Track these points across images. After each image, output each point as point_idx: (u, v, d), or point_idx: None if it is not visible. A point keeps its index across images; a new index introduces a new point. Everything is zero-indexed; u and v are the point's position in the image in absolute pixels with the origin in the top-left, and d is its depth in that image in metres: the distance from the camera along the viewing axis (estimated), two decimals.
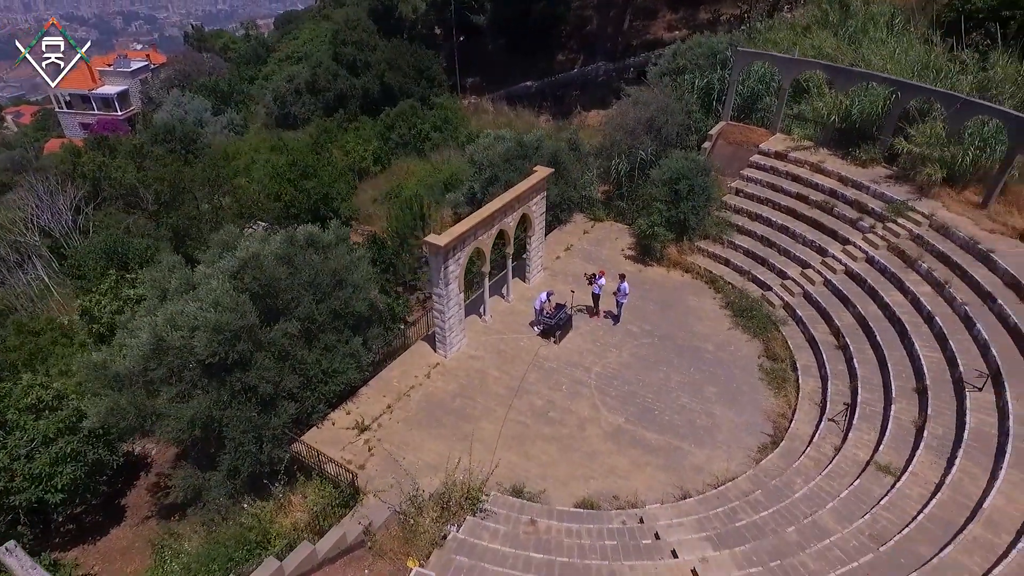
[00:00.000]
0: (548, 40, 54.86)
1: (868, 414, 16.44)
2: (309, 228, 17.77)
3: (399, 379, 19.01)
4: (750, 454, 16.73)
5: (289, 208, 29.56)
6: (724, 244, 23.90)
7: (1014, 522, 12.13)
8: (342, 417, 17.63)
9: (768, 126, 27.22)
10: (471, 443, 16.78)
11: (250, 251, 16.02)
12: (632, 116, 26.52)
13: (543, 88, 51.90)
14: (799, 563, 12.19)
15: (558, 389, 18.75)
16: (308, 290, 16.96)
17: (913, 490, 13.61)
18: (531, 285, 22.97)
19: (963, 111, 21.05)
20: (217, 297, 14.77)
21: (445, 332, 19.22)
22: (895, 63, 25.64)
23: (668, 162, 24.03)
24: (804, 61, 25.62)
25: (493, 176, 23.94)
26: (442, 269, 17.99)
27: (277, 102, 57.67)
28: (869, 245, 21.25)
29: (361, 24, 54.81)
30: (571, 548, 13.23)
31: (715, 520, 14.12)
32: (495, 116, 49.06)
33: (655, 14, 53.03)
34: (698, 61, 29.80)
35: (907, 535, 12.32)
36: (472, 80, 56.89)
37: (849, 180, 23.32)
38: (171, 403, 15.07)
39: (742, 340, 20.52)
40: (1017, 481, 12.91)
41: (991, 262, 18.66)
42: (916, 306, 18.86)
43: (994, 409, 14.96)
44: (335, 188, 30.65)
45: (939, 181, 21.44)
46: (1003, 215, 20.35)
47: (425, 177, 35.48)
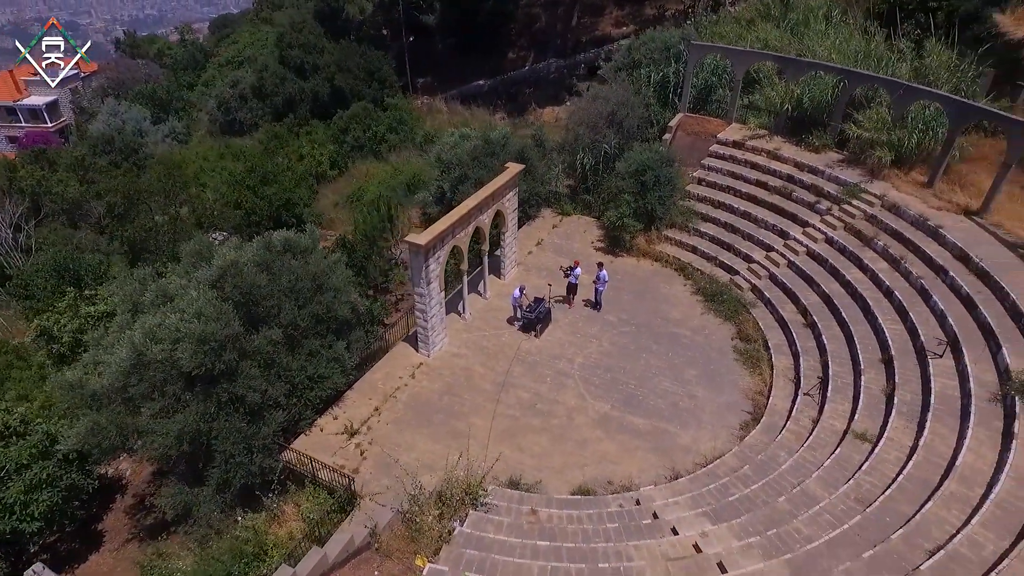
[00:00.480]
0: (498, 39, 55.10)
1: (840, 386, 17.29)
2: (285, 233, 17.49)
3: (384, 381, 18.92)
4: (733, 432, 17.37)
5: (250, 216, 28.87)
6: (690, 232, 24.63)
7: (984, 476, 13.03)
8: (330, 423, 17.45)
9: (724, 116, 28.14)
10: (463, 440, 16.87)
11: (229, 259, 15.68)
12: (594, 111, 26.98)
13: (496, 86, 52.11)
14: (793, 530, 12.79)
15: (543, 381, 19.01)
16: (289, 296, 16.71)
17: (890, 454, 14.44)
18: (507, 281, 23.16)
19: (906, 97, 22.30)
20: (200, 307, 14.42)
21: (428, 331, 19.22)
22: (839, 53, 26.90)
23: (633, 154, 24.60)
24: (755, 53, 26.62)
25: (462, 175, 24.01)
26: (423, 268, 17.99)
27: (221, 108, 56.03)
28: (827, 227, 22.27)
29: (307, 26, 53.80)
30: (575, 533, 13.51)
31: (708, 496, 14.64)
32: (450, 116, 49.01)
33: (602, 11, 53.89)
34: (652, 55, 30.54)
35: (889, 496, 13.08)
36: (423, 80, 56.62)
37: (804, 165, 24.38)
38: (155, 419, 14.63)
39: (715, 324, 21.22)
40: (983, 438, 13.86)
41: (940, 237, 19.86)
42: (875, 282, 19.91)
43: (955, 373, 15.99)
44: (296, 193, 30.12)
45: (888, 163, 22.65)
46: (947, 193, 21.67)
47: (386, 179, 35.15)
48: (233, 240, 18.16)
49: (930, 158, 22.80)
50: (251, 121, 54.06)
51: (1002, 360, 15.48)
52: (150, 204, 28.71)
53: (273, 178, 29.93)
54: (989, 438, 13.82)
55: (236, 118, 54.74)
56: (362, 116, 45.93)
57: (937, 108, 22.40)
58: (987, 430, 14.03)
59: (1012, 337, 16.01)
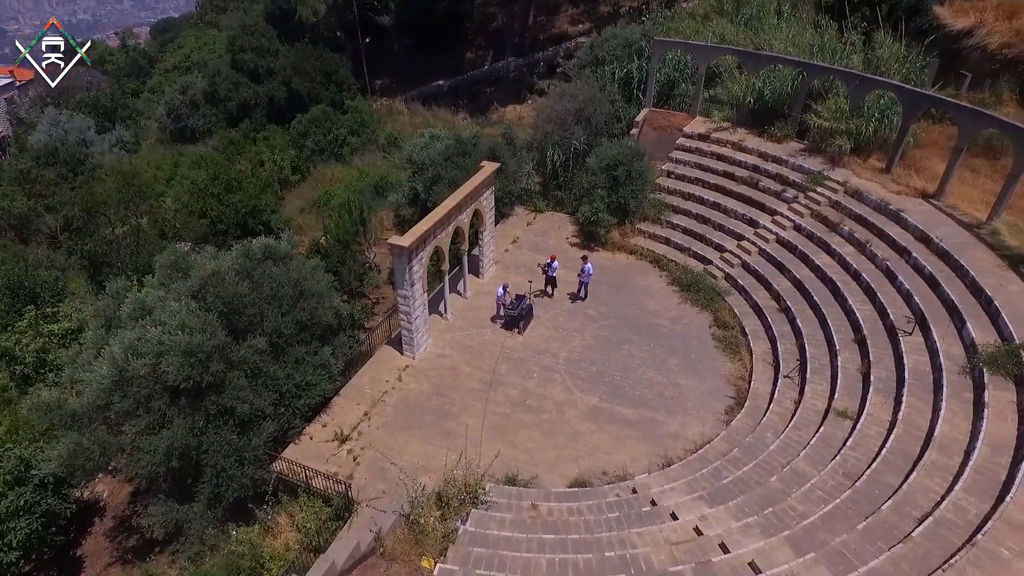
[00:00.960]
0: (455, 38, 54.97)
1: (818, 367, 17.93)
2: (264, 240, 17.17)
3: (370, 385, 18.75)
4: (719, 417, 17.83)
5: (216, 224, 28.13)
6: (663, 224, 25.12)
7: (960, 445, 13.72)
8: (319, 430, 17.21)
9: (688, 110, 28.75)
10: (456, 439, 16.88)
11: (209, 268, 15.31)
12: (562, 108, 27.23)
13: (456, 86, 51.99)
14: (788, 507, 13.24)
15: (530, 377, 19.14)
16: (271, 304, 16.42)
17: (871, 429, 15.05)
18: (486, 280, 23.21)
19: (862, 87, 23.21)
20: (183, 319, 14.04)
21: (412, 333, 19.13)
22: (795, 47, 27.81)
23: (604, 149, 24.96)
24: (717, 48, 27.28)
25: (436, 175, 23.92)
26: (407, 270, 17.90)
27: (171, 115, 54.48)
28: (795, 214, 23.03)
29: (259, 29, 52.64)
30: (577, 525, 13.69)
31: (702, 481, 15.01)
32: (411, 117, 48.70)
33: (557, 9, 54.30)
34: (615, 52, 31.00)
35: (875, 469, 13.65)
36: (381, 82, 56.06)
37: (769, 156, 25.13)
38: (141, 436, 14.19)
39: (692, 313, 21.71)
40: (956, 409, 14.57)
41: (902, 220, 20.76)
42: (843, 265, 20.68)
43: (925, 350, 16.76)
44: (263, 200, 29.48)
45: (847, 151, 23.55)
46: (904, 178, 22.66)
47: (352, 182, 34.73)
48: (208, 249, 17.70)
49: (886, 145, 23.79)
50: (204, 128, 52.70)
51: (967, 334, 16.31)
52: (109, 216, 27.69)
53: (237, 185, 29.22)
54: (962, 409, 14.55)
55: (187, 125, 53.32)
56: (322, 119, 45.24)
57: (891, 97, 23.39)
58: (959, 401, 14.76)
59: (974, 312, 16.87)
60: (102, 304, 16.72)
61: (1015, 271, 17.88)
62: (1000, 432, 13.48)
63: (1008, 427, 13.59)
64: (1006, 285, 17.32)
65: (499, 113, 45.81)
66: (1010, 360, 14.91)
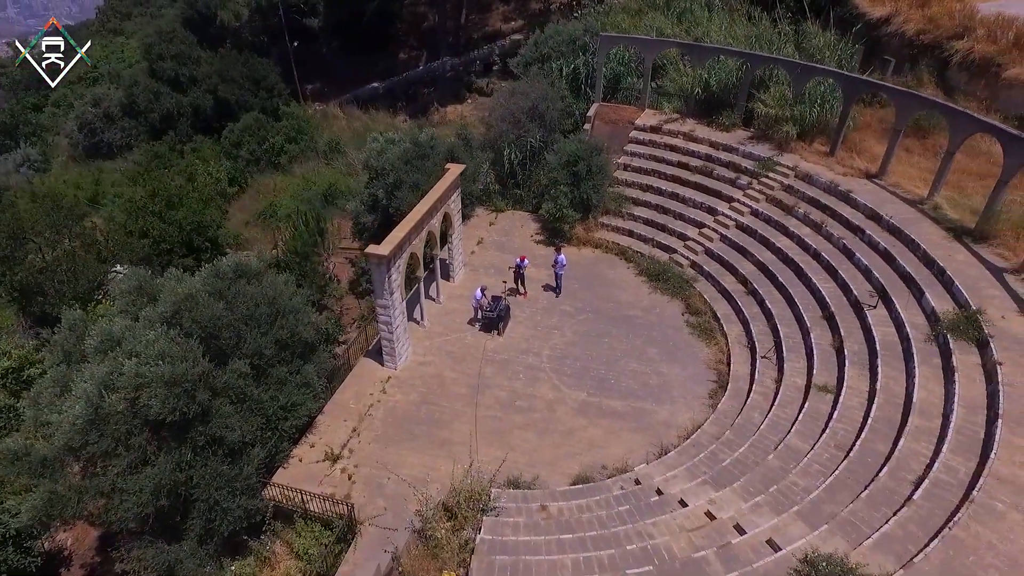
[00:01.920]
0: (386, 39, 54.08)
1: (793, 345, 18.69)
2: (235, 257, 16.33)
3: (355, 400, 18.19)
4: (705, 401, 18.30)
5: (159, 244, 26.56)
6: (624, 217, 25.53)
7: (938, 408, 14.61)
8: (308, 451, 16.57)
9: (636, 103, 29.32)
10: (451, 447, 16.63)
11: (182, 292, 14.42)
12: (515, 106, 27.20)
13: (392, 88, 51.13)
14: (791, 483, 13.74)
15: (516, 378, 19.07)
16: (249, 324, 15.63)
17: (853, 400, 15.82)
18: (457, 283, 22.94)
19: (803, 75, 24.32)
20: (162, 347, 13.16)
21: (393, 343, 18.68)
22: (733, 38, 28.84)
23: (563, 146, 25.12)
24: (662, 41, 27.94)
25: (397, 180, 23.41)
26: (386, 279, 17.45)
27: (84, 130, 51.07)
28: (750, 199, 23.89)
29: (178, 35, 50.07)
30: (590, 522, 13.75)
31: (702, 465, 15.37)
32: (348, 121, 47.61)
33: (489, 7, 54.29)
34: (560, 48, 31.26)
35: (865, 438, 14.35)
36: (312, 87, 54.49)
37: (720, 144, 25.95)
38: (123, 477, 13.23)
39: (664, 302, 22.17)
40: (928, 375, 15.51)
41: (852, 200, 21.88)
42: (802, 246, 21.62)
43: (890, 321, 17.75)
44: (207, 215, 28.04)
45: (794, 137, 24.62)
46: (848, 160, 23.90)
47: (298, 192, 33.62)
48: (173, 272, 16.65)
49: (827, 129, 25.02)
50: (123, 142, 49.76)
51: (927, 304, 17.38)
52: (38, 242, 25.67)
53: (179, 201, 27.69)
54: (933, 374, 15.49)
55: (103, 140, 50.20)
56: (255, 128, 43.58)
57: (830, 84, 24.61)
58: (930, 367, 15.71)
59: (930, 283, 17.99)
60: (59, 338, 15.45)
61: (959, 242, 19.17)
62: (971, 393, 14.44)
63: (978, 388, 14.57)
64: (954, 255, 18.55)
65: (440, 114, 45.43)
66: (970, 326, 15.99)
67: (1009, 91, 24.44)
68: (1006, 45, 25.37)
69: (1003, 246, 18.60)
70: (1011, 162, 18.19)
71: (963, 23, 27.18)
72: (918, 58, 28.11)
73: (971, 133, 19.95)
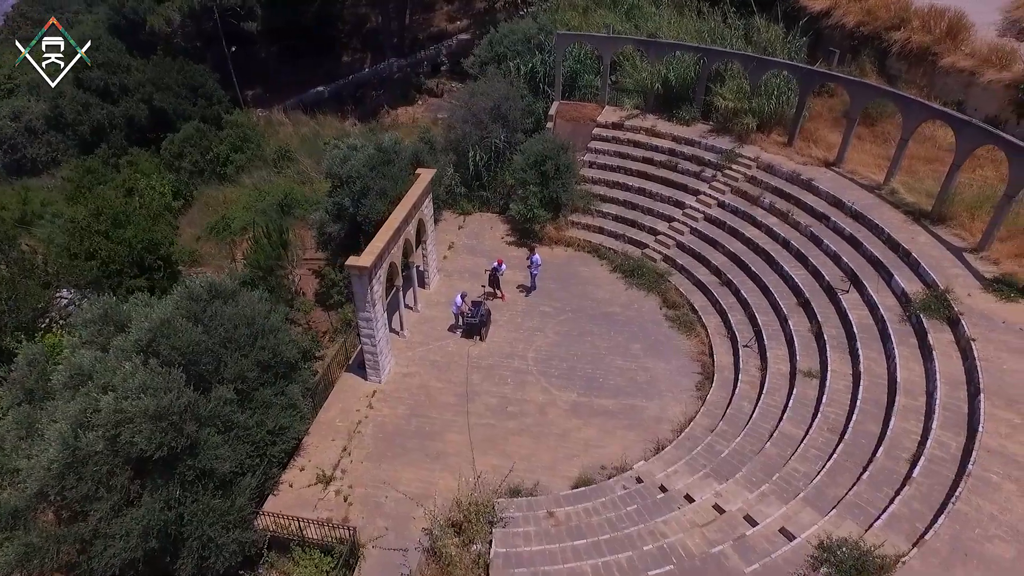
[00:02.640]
0: (328, 42, 52.64)
1: (773, 333, 19.10)
2: (208, 276, 15.48)
3: (341, 418, 17.59)
4: (692, 394, 18.51)
5: (107, 265, 25.00)
6: (594, 214, 25.59)
7: (920, 387, 15.17)
8: (298, 475, 15.91)
9: (595, 100, 29.45)
10: (446, 459, 16.28)
11: (158, 317, 13.56)
12: (477, 107, 26.89)
13: (338, 92, 49.86)
14: (791, 470, 14.01)
15: (505, 383, 18.83)
16: (228, 347, 14.86)
17: (839, 384, 16.27)
18: (432, 290, 22.51)
19: (759, 68, 24.90)
20: (143, 379, 12.32)
21: (377, 356, 18.14)
22: (687, 32, 29.32)
23: (529, 145, 24.99)
24: (620, 38, 28.12)
25: (364, 187, 22.74)
26: (368, 291, 16.91)
27: (3, 146, 47.84)
28: (716, 191, 24.32)
29: (105, 43, 47.45)
30: (600, 525, 13.67)
31: (701, 459, 15.51)
32: (295, 127, 46.12)
33: (433, 6, 53.58)
34: (516, 47, 31.09)
35: (856, 420, 14.77)
36: (253, 92, 52.60)
37: (682, 139, 26.33)
38: (107, 521, 12.34)
39: (640, 297, 22.32)
40: (907, 355, 16.09)
41: (814, 188, 22.55)
42: (771, 235, 22.16)
43: (863, 304, 18.36)
44: (158, 232, 26.58)
45: (754, 128, 25.21)
46: (806, 149, 24.61)
47: (251, 203, 32.31)
48: (141, 296, 15.65)
49: (783, 120, 25.71)
50: (48, 157, 46.94)
51: (896, 286, 18.07)
52: None
53: (126, 218, 26.14)
54: (911, 354, 16.09)
55: (26, 156, 47.19)
56: (197, 138, 41.72)
57: (784, 76, 25.29)
58: (907, 347, 16.31)
59: (897, 265, 18.70)
60: (17, 375, 14.31)
61: (919, 224, 20.00)
62: (950, 370, 15.05)
63: (955, 364, 15.21)
64: (916, 238, 19.34)
65: (391, 116, 44.58)
66: (940, 305, 16.68)
67: (945, 78, 25.64)
68: (940, 35, 26.61)
69: (960, 227, 19.51)
70: (963, 146, 19.06)
71: (899, 14, 28.36)
72: (859, 49, 29.19)
73: (923, 120, 20.83)
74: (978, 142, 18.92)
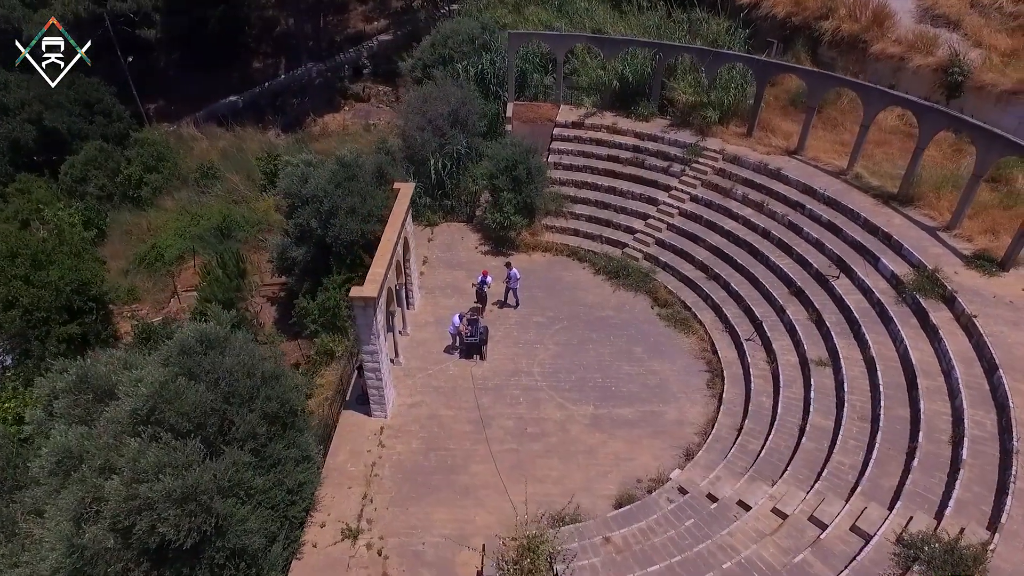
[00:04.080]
0: (236, 48, 49.15)
1: (772, 324, 19.32)
2: (199, 326, 13.61)
3: (352, 462, 16.13)
4: (705, 393, 18.41)
5: (31, 313, 21.85)
6: (567, 217, 25.07)
7: (935, 366, 15.72)
8: (320, 533, 14.39)
9: (547, 100, 28.94)
10: (477, 493, 15.33)
11: (156, 379, 11.72)
12: (435, 112, 25.64)
13: (254, 101, 46.59)
14: (837, 464, 14.12)
15: (517, 403, 17.99)
16: (232, 402, 13.15)
17: (854, 371, 16.60)
18: (417, 310, 21.23)
19: (715, 61, 25.22)
20: (159, 457, 10.55)
21: (383, 390, 16.78)
22: (630, 28, 29.36)
23: (497, 151, 24.12)
24: (574, 36, 27.76)
25: (333, 207, 21.06)
26: (373, 322, 15.55)
27: None
28: (687, 186, 24.44)
29: None
30: (665, 546, 13.20)
31: (738, 461, 15.38)
32: (211, 141, 42.64)
33: (346, 7, 51.20)
34: (461, 48, 30.00)
35: (885, 407, 15.07)
36: (156, 106, 48.25)
37: (644, 135, 26.29)
38: None
39: (630, 298, 22.04)
40: (914, 336, 16.66)
41: (783, 177, 23.09)
42: (750, 226, 22.48)
43: (856, 288, 18.91)
44: (87, 270, 23.52)
45: (715, 121, 25.54)
46: (765, 139, 25.21)
47: (183, 228, 29.44)
48: (116, 354, 13.52)
49: (739, 111, 26.23)
50: None
51: (884, 269, 18.74)
52: None
53: (47, 258, 22.99)
54: (917, 334, 16.68)
55: None
56: (102, 159, 37.71)
57: (740, 68, 25.77)
58: (910, 328, 16.90)
59: (880, 248, 19.42)
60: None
61: (889, 207, 20.89)
62: (960, 347, 15.70)
63: (962, 341, 15.88)
64: (891, 220, 20.17)
65: (319, 125, 42.19)
66: (932, 284, 17.42)
67: (876, 64, 27.00)
68: (867, 23, 28.01)
69: (928, 207, 20.53)
70: (926, 131, 20.01)
71: (826, 4, 29.60)
72: (792, 38, 30.31)
73: (884, 107, 21.77)
74: (940, 126, 19.94)
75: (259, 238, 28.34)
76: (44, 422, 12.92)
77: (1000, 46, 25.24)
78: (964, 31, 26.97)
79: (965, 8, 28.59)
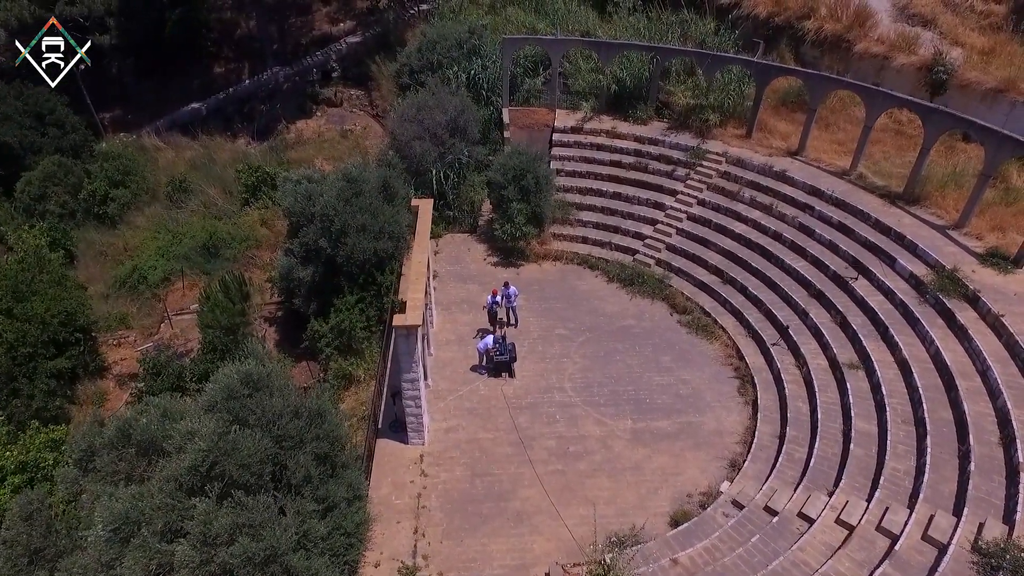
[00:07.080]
0: (196, 52, 46.96)
1: (797, 328, 19.50)
2: (242, 368, 12.75)
3: (396, 494, 15.51)
4: (738, 400, 18.45)
5: (16, 349, 20.25)
6: (574, 224, 24.81)
7: (970, 366, 16.10)
8: (376, 574, 13.76)
9: (542, 104, 28.57)
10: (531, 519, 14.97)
11: (208, 434, 10.90)
12: (433, 121, 24.93)
13: (219, 107, 44.54)
14: (892, 470, 14.32)
15: (555, 421, 17.66)
16: (283, 446, 12.39)
17: (887, 373, 16.87)
18: (437, 328, 20.62)
19: (714, 64, 25.33)
20: (233, 519, 9.78)
21: (421, 417, 16.19)
22: (625, 31, 29.23)
23: (503, 160, 23.66)
24: (569, 40, 27.39)
25: (344, 225, 20.18)
26: (415, 350, 14.94)
27: None
28: (693, 189, 24.48)
29: None
30: (736, 565, 13.12)
31: (787, 470, 15.44)
32: (177, 152, 40.60)
33: (309, 8, 49.51)
34: (450, 54, 29.29)
35: (926, 408, 15.34)
36: (112, 115, 45.66)
37: (645, 138, 26.22)
38: None
39: (648, 305, 21.93)
40: (941, 336, 17.03)
41: (789, 179, 23.36)
42: (760, 229, 22.65)
43: (876, 290, 19.25)
44: (71, 298, 21.95)
45: (716, 123, 25.65)
46: (766, 140, 25.48)
47: (166, 248, 27.85)
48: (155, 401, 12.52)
49: (737, 113, 26.43)
50: None
51: (902, 269, 19.13)
52: None
53: (28, 288, 21.37)
54: (945, 334, 17.06)
55: None
56: (61, 174, 35.37)
57: (738, 70, 25.94)
58: (937, 328, 17.28)
59: (896, 248, 19.82)
60: (13, 534, 10.91)
61: (896, 207, 21.37)
62: (992, 347, 16.12)
63: (992, 340, 16.31)
64: (901, 220, 20.63)
65: (294, 132, 40.63)
66: (954, 284, 17.86)
67: (860, 63, 27.65)
68: (849, 23, 28.63)
69: (935, 206, 21.07)
70: (931, 132, 20.49)
71: (807, 3, 30.16)
72: (776, 38, 30.75)
73: (887, 109, 22.23)
74: (946, 127, 20.47)
75: (249, 255, 27.11)
76: (77, 479, 11.89)
77: (977, 45, 26.16)
78: (939, 30, 27.87)
79: (939, 7, 29.56)
